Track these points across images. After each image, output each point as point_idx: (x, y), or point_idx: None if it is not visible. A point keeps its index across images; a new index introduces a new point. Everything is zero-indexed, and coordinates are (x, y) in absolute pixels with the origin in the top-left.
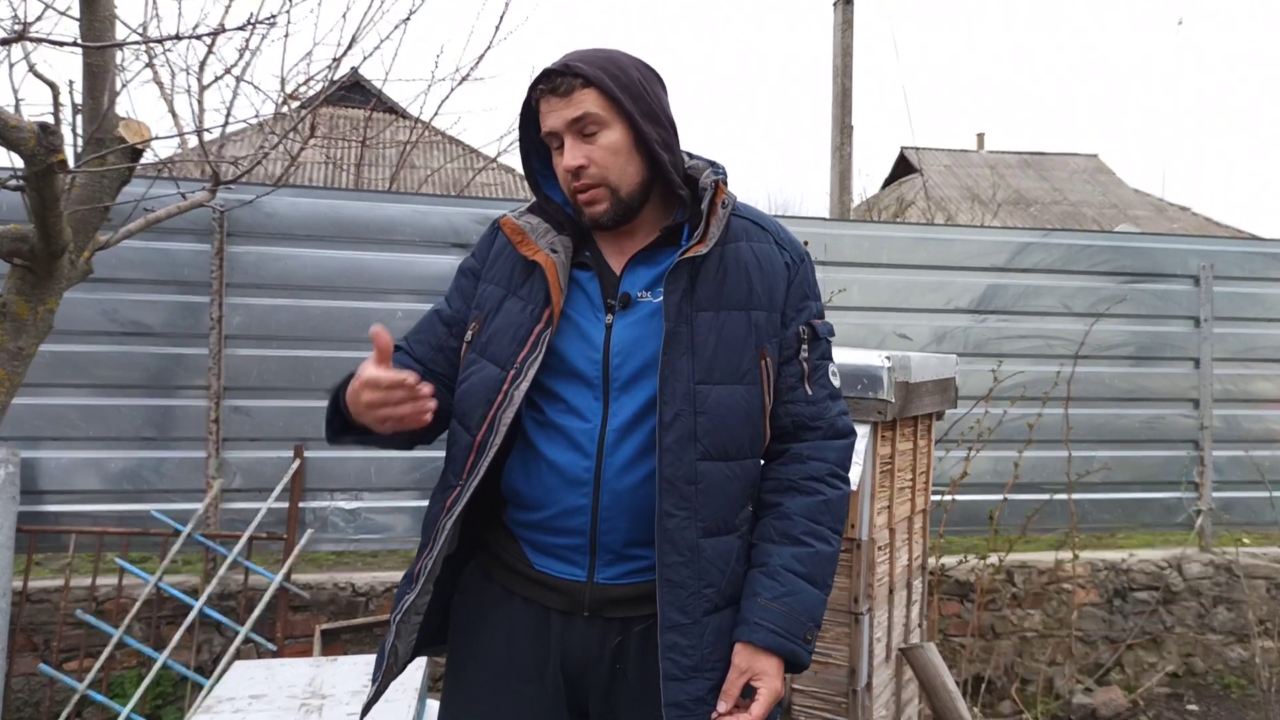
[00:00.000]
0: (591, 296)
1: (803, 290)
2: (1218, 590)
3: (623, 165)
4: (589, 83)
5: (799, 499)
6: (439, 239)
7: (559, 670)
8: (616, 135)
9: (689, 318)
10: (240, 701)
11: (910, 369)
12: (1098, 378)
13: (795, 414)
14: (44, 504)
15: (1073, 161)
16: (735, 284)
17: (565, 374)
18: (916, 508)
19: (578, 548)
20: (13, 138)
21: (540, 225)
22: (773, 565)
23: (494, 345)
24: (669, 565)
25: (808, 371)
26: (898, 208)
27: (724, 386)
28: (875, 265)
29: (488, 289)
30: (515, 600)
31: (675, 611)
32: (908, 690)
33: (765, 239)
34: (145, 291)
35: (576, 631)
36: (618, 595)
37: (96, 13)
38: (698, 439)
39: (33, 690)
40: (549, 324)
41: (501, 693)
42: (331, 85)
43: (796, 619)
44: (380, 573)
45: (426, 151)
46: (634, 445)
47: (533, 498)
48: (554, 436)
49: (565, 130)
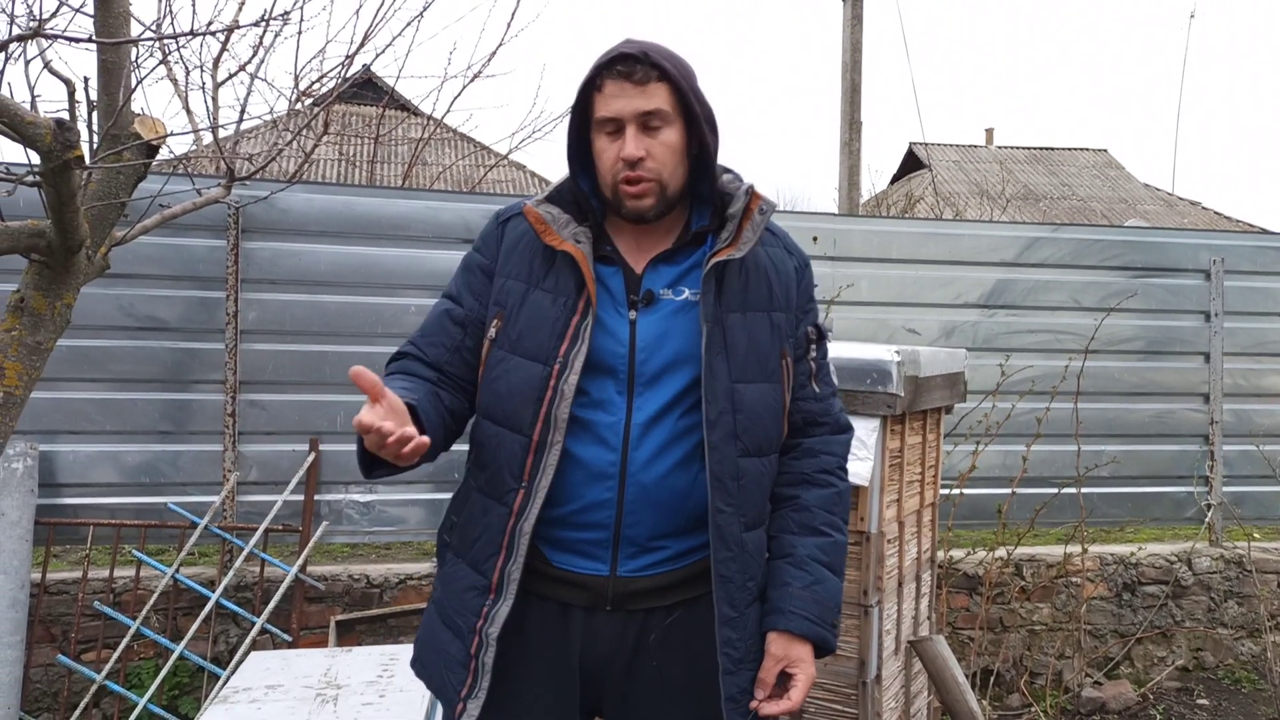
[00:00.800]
0: (614, 292)
1: (808, 293)
2: (1228, 585)
3: (675, 165)
4: (665, 76)
5: (815, 491)
6: (451, 235)
7: (577, 668)
8: (676, 135)
9: (721, 319)
10: (256, 692)
11: (919, 363)
12: (1107, 372)
13: (806, 410)
14: (62, 497)
15: (1082, 156)
16: (758, 287)
17: (589, 368)
18: (925, 501)
19: (601, 542)
20: (30, 134)
21: (561, 215)
22: (799, 555)
23: (528, 340)
24: (721, 560)
25: (815, 370)
26: (906, 203)
27: (755, 385)
28: (884, 260)
29: (506, 283)
30: (530, 600)
31: (727, 606)
32: (917, 682)
33: (777, 244)
34: (161, 287)
35: (598, 626)
36: (640, 588)
37: (111, 9)
38: (738, 436)
39: (51, 681)
40: (586, 314)
41: (510, 696)
42: (344, 83)
43: (826, 606)
44: (394, 564)
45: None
46: (659, 438)
47: (556, 493)
48: (577, 431)
49: (632, 119)
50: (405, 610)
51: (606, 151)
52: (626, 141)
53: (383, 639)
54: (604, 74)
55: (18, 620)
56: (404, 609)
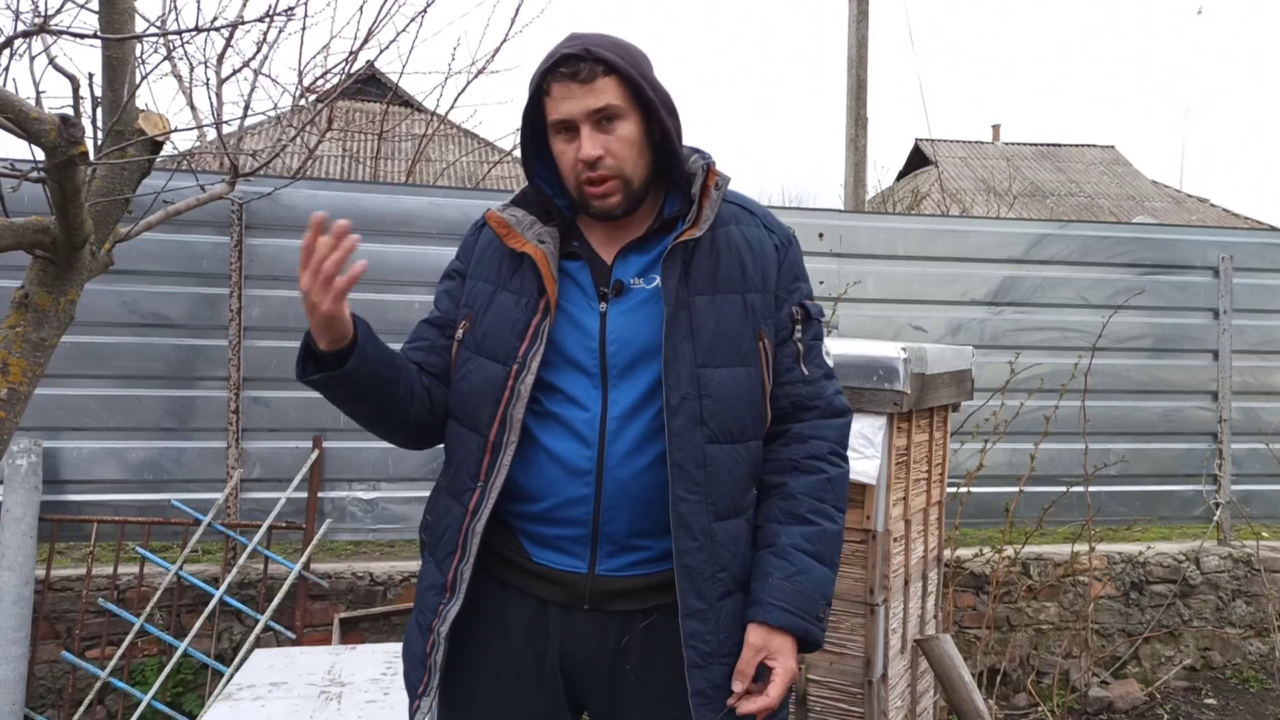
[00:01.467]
0: (583, 286)
1: (793, 272)
2: (1236, 584)
3: (635, 157)
4: (611, 70)
5: (802, 478)
6: (455, 231)
7: (557, 666)
8: (632, 127)
9: (687, 302)
10: (260, 689)
11: (926, 360)
12: (1115, 370)
13: (793, 395)
14: (66, 493)
15: (1089, 153)
16: (729, 267)
17: (562, 364)
18: (932, 499)
19: (579, 539)
20: (34, 130)
21: (526, 217)
22: (782, 545)
23: (491, 341)
24: (685, 551)
25: (802, 352)
26: (912, 200)
27: (726, 369)
28: (891, 257)
29: (475, 285)
30: (511, 594)
31: (693, 598)
32: (923, 681)
33: (753, 222)
34: (165, 283)
35: (576, 625)
36: (619, 588)
37: (116, 5)
38: (704, 422)
39: (55, 677)
40: (546, 314)
41: (500, 690)
42: (348, 79)
43: (809, 597)
44: (398, 562)
45: (442, 145)
46: (636, 432)
47: (532, 489)
48: (553, 427)
49: (584, 119)
50: (409, 608)
51: (565, 154)
52: (582, 142)
53: (386, 636)
54: (549, 77)
55: (22, 617)
56: (407, 606)
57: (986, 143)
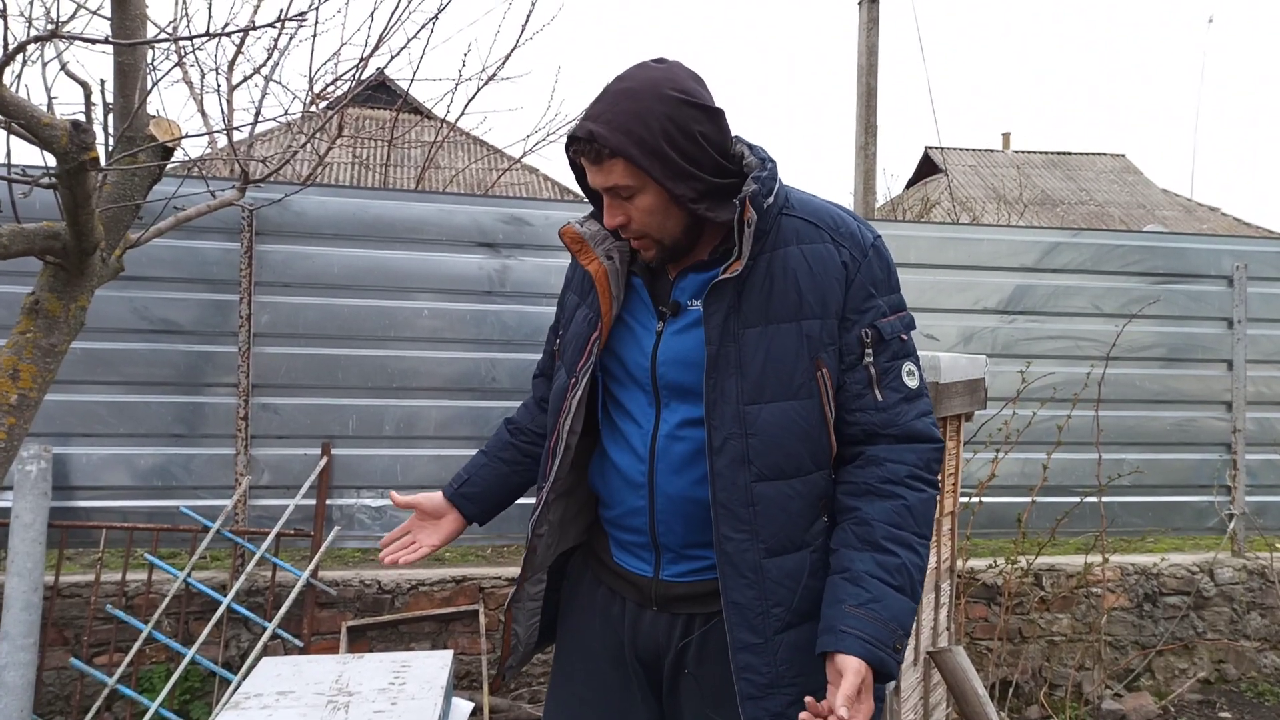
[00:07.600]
0: (647, 303)
1: (866, 289)
2: (1251, 596)
3: (661, 221)
4: (616, 153)
5: (877, 503)
6: (465, 238)
7: (635, 658)
8: (650, 198)
9: (735, 336)
10: (268, 698)
11: (940, 369)
12: (1128, 379)
13: (865, 422)
14: (75, 500)
15: (1099, 161)
16: (783, 295)
17: (625, 379)
18: (944, 510)
19: (643, 545)
20: (45, 136)
21: (600, 232)
22: (856, 571)
23: (568, 352)
24: (732, 588)
25: (876, 376)
26: (922, 208)
27: (776, 404)
28: (902, 265)
29: (568, 295)
30: (602, 588)
31: (745, 632)
32: (936, 694)
33: (820, 238)
34: (175, 290)
35: (645, 623)
36: (681, 592)
37: (128, 11)
38: (750, 461)
39: (64, 684)
40: (599, 332)
41: (592, 673)
42: (358, 85)
43: (885, 625)
44: (406, 571)
45: (452, 152)
46: (680, 452)
47: (606, 496)
48: (617, 439)
49: (605, 192)
50: (417, 617)
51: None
52: (606, 210)
53: (394, 645)
54: (571, 148)
55: (31, 623)
56: (416, 615)
57: (996, 151)
